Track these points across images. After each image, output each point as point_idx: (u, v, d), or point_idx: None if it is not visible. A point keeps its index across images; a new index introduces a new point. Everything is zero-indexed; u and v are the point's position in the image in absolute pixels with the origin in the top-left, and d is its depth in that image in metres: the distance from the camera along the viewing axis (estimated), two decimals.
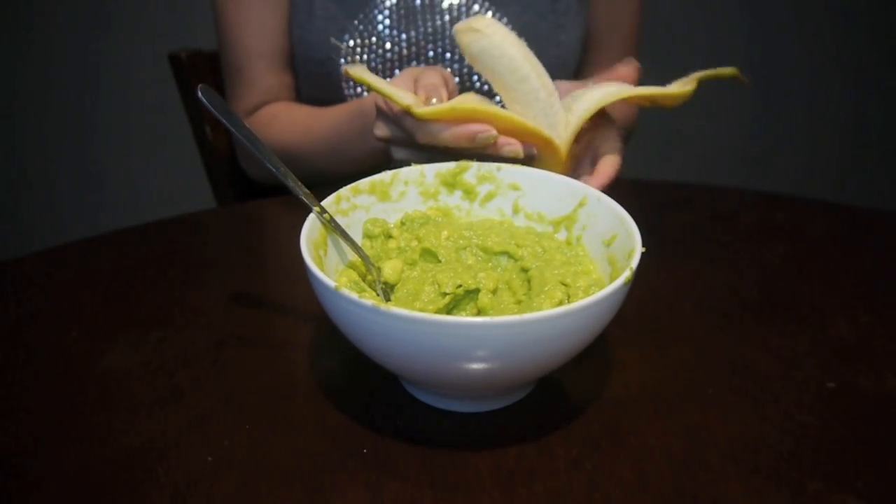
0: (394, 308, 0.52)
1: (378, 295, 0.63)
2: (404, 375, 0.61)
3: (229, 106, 1.06)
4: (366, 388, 0.64)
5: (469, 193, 0.72)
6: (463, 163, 0.71)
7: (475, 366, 0.54)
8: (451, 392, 0.61)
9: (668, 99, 0.79)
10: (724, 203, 0.92)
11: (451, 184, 0.72)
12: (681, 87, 0.79)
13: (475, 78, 1.05)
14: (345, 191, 0.68)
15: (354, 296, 0.53)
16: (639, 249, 0.59)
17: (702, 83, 0.79)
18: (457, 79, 1.05)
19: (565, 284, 0.62)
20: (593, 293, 0.56)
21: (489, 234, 0.67)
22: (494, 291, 0.62)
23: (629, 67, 0.80)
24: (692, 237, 0.86)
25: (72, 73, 1.99)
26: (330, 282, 0.55)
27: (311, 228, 0.62)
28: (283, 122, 1.05)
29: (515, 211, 0.72)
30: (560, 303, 0.60)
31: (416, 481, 0.55)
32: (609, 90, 0.77)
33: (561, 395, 0.63)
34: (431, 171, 0.71)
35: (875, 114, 2.21)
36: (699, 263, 0.81)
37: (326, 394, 0.63)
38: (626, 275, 0.56)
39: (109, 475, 0.55)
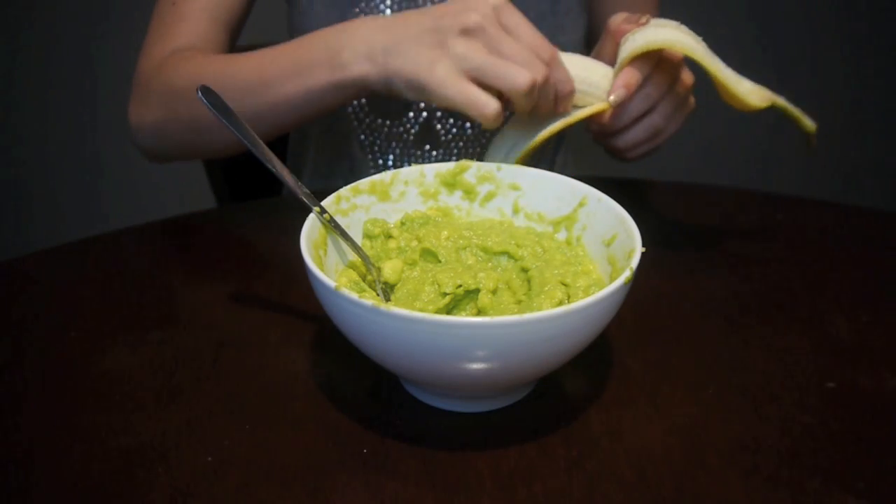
0: (394, 308, 0.52)
1: (378, 295, 0.63)
2: (404, 375, 0.61)
3: (144, 50, 0.93)
4: (366, 388, 0.64)
5: (469, 193, 0.72)
6: (463, 162, 0.72)
7: (475, 366, 0.54)
8: (451, 392, 0.61)
9: (731, 96, 0.77)
10: (724, 203, 0.93)
11: (451, 184, 0.72)
12: (754, 94, 0.77)
13: None
14: (345, 191, 0.68)
15: (354, 296, 0.53)
16: (639, 249, 0.59)
17: (774, 109, 0.77)
18: None
19: (565, 284, 0.62)
20: (593, 293, 0.56)
21: (489, 234, 0.67)
22: (494, 291, 0.62)
23: (622, 18, 0.80)
24: (692, 237, 0.86)
25: (72, 72, 1.99)
26: (330, 282, 0.55)
27: (311, 228, 0.62)
28: (210, 56, 0.89)
29: (515, 211, 0.72)
30: (560, 303, 0.60)
31: (416, 481, 0.55)
32: (662, 35, 0.75)
33: (561, 395, 0.63)
34: (431, 171, 0.72)
35: (875, 114, 2.21)
36: (699, 263, 0.81)
37: (326, 394, 0.63)
38: (626, 275, 0.56)
39: (109, 475, 0.55)
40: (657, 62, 0.79)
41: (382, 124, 1.04)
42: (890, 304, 0.75)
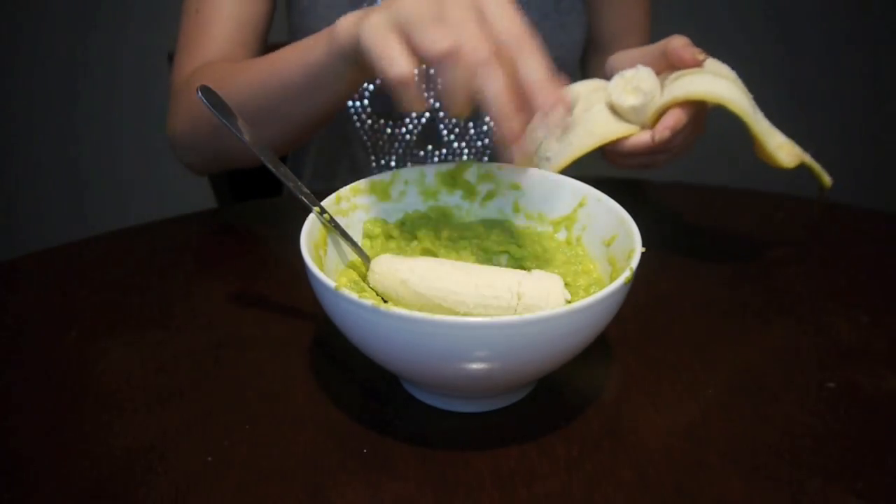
0: (393, 308, 0.52)
1: (378, 295, 0.63)
2: (404, 375, 0.61)
3: (175, 63, 0.93)
4: (366, 388, 0.64)
5: (469, 193, 0.72)
6: (463, 162, 0.72)
7: (475, 366, 0.54)
8: (451, 392, 0.61)
9: (764, 152, 0.77)
10: (725, 203, 0.93)
11: (451, 183, 0.72)
12: (783, 150, 0.77)
13: None
14: (345, 191, 0.68)
15: (354, 296, 0.53)
16: (639, 249, 0.59)
17: (804, 167, 0.78)
18: None
19: (566, 284, 0.62)
20: (594, 293, 0.56)
21: (489, 234, 0.67)
22: None
23: (683, 43, 0.77)
24: (692, 237, 0.86)
25: (74, 71, 1.99)
26: (330, 282, 0.55)
27: (311, 228, 0.62)
28: (235, 60, 0.90)
29: (515, 210, 0.72)
30: None
31: (416, 481, 0.55)
32: (721, 89, 0.74)
33: (561, 395, 0.63)
34: (431, 171, 0.72)
35: (875, 113, 2.21)
36: (699, 263, 0.81)
37: (326, 394, 0.63)
38: (626, 275, 0.56)
39: (109, 475, 0.55)
40: (696, 112, 0.77)
41: (385, 125, 1.04)
42: (890, 304, 0.75)
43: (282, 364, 0.66)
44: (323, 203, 0.64)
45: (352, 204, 0.68)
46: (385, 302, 0.63)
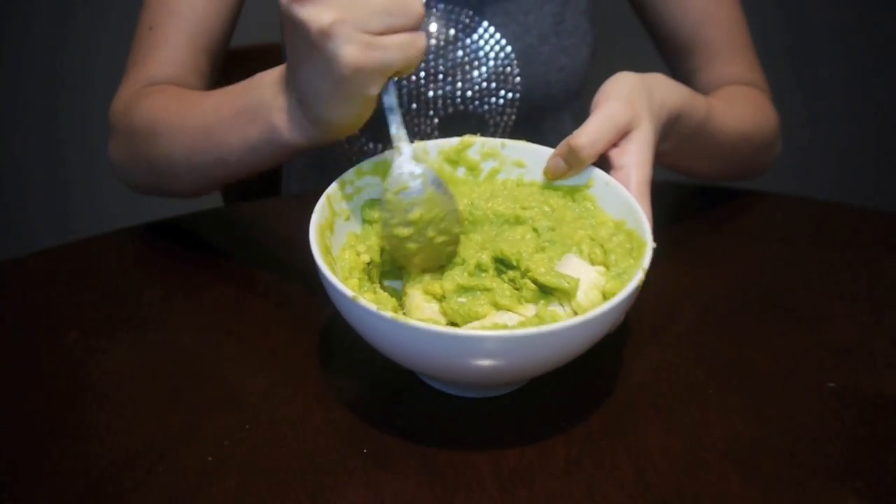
0: (412, 321, 0.53)
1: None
2: (414, 370, 0.62)
3: (123, 80, 0.88)
4: (366, 389, 0.64)
5: (473, 170, 0.71)
6: (466, 139, 0.70)
7: (489, 369, 0.55)
8: (463, 385, 0.62)
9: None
10: (725, 203, 0.92)
11: (454, 160, 0.70)
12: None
13: (458, 100, 0.98)
14: (348, 174, 0.66)
15: (373, 307, 0.54)
16: (650, 245, 0.59)
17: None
18: (443, 101, 0.99)
19: (592, 239, 0.62)
20: (619, 242, 0.60)
21: (495, 199, 0.67)
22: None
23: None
24: (692, 237, 0.86)
25: (77, 69, 2.00)
26: (348, 291, 0.55)
27: (319, 226, 0.61)
28: (168, 96, 0.82)
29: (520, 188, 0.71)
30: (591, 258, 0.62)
31: (416, 481, 0.55)
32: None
33: (561, 395, 0.63)
34: (435, 148, 0.70)
35: (875, 113, 2.21)
36: (699, 263, 0.81)
37: (326, 394, 0.63)
38: (638, 276, 0.56)
39: (109, 475, 0.55)
40: None
41: (374, 148, 1.01)
42: (890, 304, 0.75)
43: (282, 364, 0.66)
44: (328, 190, 0.64)
45: (356, 187, 0.67)
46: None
